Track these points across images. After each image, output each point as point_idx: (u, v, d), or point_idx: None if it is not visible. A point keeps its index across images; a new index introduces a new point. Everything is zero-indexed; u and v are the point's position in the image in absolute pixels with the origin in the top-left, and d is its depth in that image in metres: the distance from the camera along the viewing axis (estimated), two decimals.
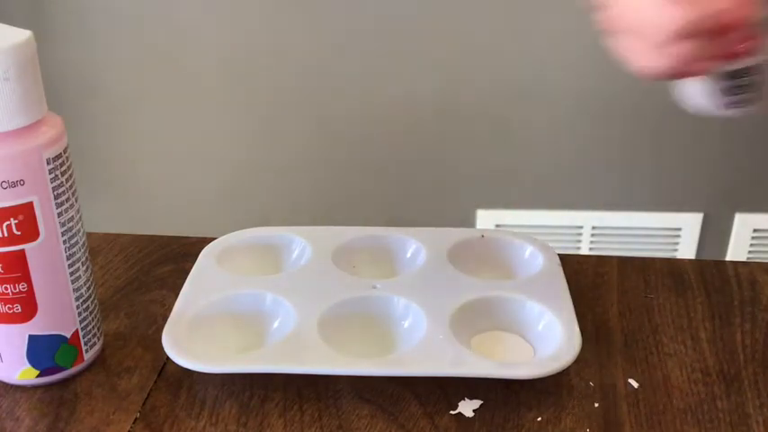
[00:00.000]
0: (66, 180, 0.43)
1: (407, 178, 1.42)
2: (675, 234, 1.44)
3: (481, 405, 0.44)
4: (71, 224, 0.43)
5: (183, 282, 0.51)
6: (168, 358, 0.47)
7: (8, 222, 0.41)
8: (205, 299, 0.49)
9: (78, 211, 0.44)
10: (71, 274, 0.44)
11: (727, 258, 1.46)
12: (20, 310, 0.43)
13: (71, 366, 0.46)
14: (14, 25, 0.40)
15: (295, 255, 0.55)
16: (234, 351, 0.46)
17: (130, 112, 1.41)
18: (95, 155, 1.44)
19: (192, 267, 0.52)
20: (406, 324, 0.48)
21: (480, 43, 1.29)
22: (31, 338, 0.44)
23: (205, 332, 0.47)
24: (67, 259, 0.44)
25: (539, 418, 0.43)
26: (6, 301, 0.43)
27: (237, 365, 0.44)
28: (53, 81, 0.67)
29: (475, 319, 0.48)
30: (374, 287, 0.50)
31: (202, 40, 1.33)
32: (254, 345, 0.47)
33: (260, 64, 1.33)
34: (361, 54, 1.32)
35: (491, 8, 1.26)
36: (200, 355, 0.45)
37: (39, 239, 0.42)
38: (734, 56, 0.42)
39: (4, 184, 0.40)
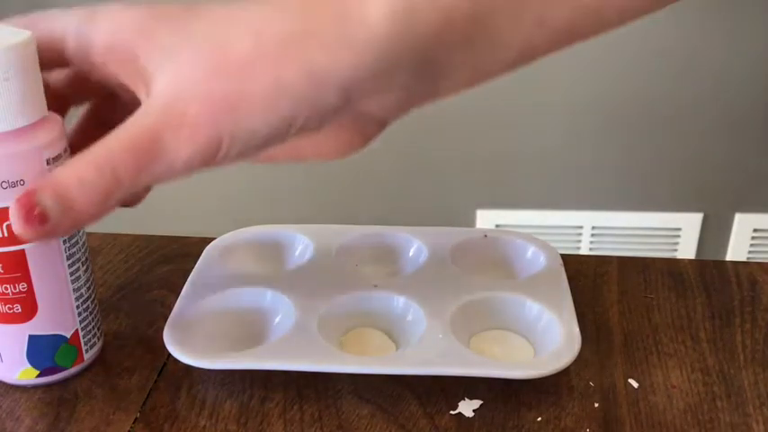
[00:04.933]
0: None
1: (408, 178, 1.42)
2: (675, 234, 1.44)
3: (481, 405, 0.44)
4: None
5: (184, 282, 0.51)
6: (168, 358, 0.47)
7: (8, 222, 0.41)
8: (206, 296, 0.49)
9: None
10: (71, 274, 0.44)
11: (728, 258, 1.46)
12: (20, 310, 0.43)
13: (71, 366, 0.46)
14: (14, 25, 0.40)
15: (298, 252, 0.55)
16: (234, 348, 0.47)
17: None
18: None
19: (191, 267, 0.52)
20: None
21: None
22: (31, 338, 0.44)
23: (206, 329, 0.47)
24: (67, 259, 0.44)
25: (539, 418, 0.43)
26: (6, 301, 0.43)
27: (237, 362, 0.44)
28: None
29: (475, 319, 0.48)
30: (374, 286, 0.50)
31: None
32: (254, 342, 0.47)
33: None
34: None
35: None
36: (201, 351, 0.45)
37: None
38: None
39: (4, 184, 0.40)
